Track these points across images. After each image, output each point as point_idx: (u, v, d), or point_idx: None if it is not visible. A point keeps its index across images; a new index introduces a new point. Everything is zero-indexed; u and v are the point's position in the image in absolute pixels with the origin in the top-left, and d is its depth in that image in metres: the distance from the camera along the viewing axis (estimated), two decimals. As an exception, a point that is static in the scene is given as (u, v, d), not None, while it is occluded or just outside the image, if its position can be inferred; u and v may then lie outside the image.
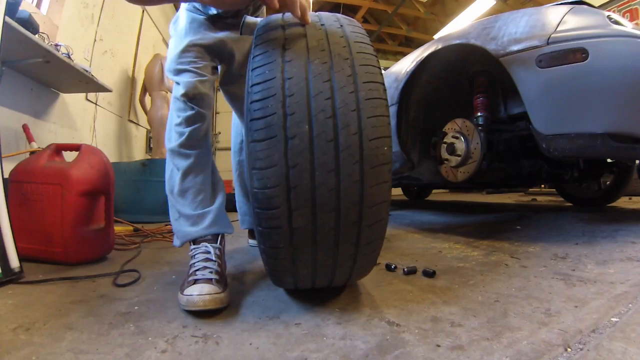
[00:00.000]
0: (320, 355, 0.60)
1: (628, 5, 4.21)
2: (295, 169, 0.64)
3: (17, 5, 1.68)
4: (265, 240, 0.69)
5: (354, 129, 0.65)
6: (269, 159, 0.64)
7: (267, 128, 0.64)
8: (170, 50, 1.07)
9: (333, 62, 0.69)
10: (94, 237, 1.32)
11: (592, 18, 1.37)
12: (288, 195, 0.64)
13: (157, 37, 4.62)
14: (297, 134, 0.64)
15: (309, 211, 0.65)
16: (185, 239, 0.99)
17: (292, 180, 0.64)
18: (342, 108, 0.66)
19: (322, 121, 0.65)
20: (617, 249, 1.25)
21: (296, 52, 0.70)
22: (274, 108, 0.64)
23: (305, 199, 0.65)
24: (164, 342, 0.66)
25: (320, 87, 0.66)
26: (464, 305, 0.81)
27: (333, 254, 0.72)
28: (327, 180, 0.64)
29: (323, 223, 0.67)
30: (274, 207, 0.65)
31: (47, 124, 2.40)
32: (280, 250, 0.70)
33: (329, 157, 0.64)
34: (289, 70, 0.67)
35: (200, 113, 1.02)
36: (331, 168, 0.64)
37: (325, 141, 0.64)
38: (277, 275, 0.78)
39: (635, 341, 0.60)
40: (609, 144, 1.31)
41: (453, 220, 2.39)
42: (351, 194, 0.66)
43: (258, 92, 0.66)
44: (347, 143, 0.65)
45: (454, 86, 2.04)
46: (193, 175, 1.02)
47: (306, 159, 0.64)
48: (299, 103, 0.65)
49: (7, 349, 0.63)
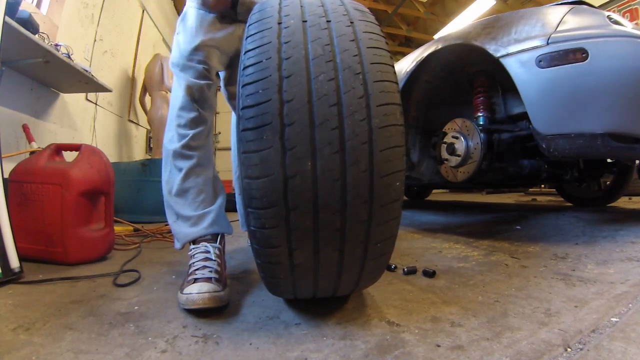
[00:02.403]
0: (320, 355, 0.60)
1: (628, 5, 4.21)
2: (292, 151, 0.55)
3: (17, 5, 1.68)
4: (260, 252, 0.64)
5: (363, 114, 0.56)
6: (259, 142, 0.55)
7: (259, 116, 0.55)
8: (179, 44, 1.05)
9: (342, 78, 0.57)
10: (94, 237, 1.32)
11: (592, 18, 1.37)
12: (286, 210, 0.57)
13: (157, 37, 4.62)
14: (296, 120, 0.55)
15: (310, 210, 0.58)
16: (186, 239, 0.99)
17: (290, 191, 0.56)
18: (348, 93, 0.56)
19: (327, 156, 0.55)
20: (617, 249, 1.25)
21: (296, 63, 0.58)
22: (270, 141, 0.55)
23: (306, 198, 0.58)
24: (164, 342, 0.66)
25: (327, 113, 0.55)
26: (464, 305, 0.81)
27: (335, 279, 0.68)
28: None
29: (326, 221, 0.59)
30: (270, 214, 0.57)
31: (47, 124, 2.40)
32: (281, 280, 0.67)
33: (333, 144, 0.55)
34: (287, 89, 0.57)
35: (203, 116, 1.02)
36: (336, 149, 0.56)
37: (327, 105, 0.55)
38: (277, 293, 0.75)
39: (635, 341, 0.60)
40: (609, 144, 1.31)
41: (453, 220, 2.39)
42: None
43: (250, 108, 0.57)
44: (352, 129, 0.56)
45: (454, 86, 2.04)
46: (194, 175, 1.02)
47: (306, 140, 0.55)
48: (299, 111, 0.56)
49: (7, 349, 0.63)
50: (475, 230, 1.88)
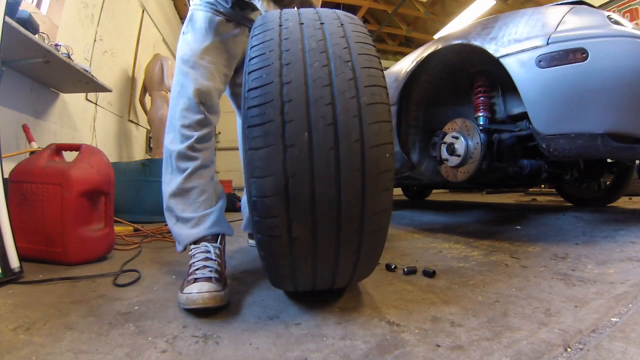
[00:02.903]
0: (320, 355, 0.60)
1: (628, 5, 4.21)
2: (290, 123, 0.60)
3: (17, 5, 1.68)
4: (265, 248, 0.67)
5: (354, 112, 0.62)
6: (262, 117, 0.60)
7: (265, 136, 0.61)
8: (189, 42, 1.05)
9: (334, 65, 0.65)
10: (94, 237, 1.32)
11: (592, 18, 1.37)
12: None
13: (157, 37, 4.62)
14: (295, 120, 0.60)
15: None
16: (187, 241, 0.98)
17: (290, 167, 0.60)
18: (341, 95, 0.62)
19: (322, 128, 0.61)
20: (617, 249, 1.25)
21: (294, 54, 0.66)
22: (271, 115, 0.61)
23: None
24: (164, 342, 0.66)
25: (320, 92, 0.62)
26: (464, 305, 0.81)
27: (334, 259, 0.70)
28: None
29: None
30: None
31: (47, 124, 2.40)
32: (280, 258, 0.68)
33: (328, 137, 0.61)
34: (287, 75, 0.63)
35: (208, 119, 1.03)
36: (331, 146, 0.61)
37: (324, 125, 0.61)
38: (277, 283, 0.77)
39: (635, 341, 0.60)
40: (609, 144, 1.31)
41: (453, 220, 2.39)
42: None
43: (255, 97, 0.63)
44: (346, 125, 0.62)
45: (454, 86, 2.04)
46: (197, 176, 1.01)
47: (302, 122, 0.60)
48: (297, 91, 0.62)
49: (7, 349, 0.63)
50: (475, 230, 1.88)
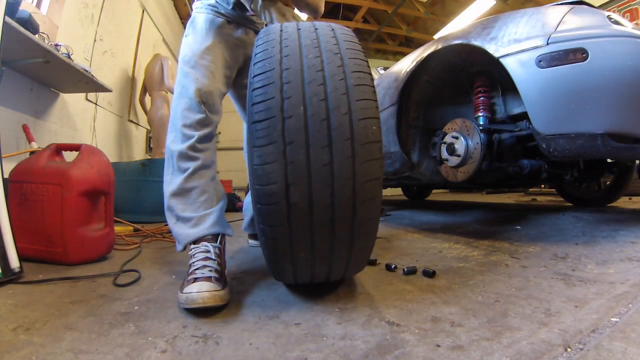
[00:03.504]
0: (320, 355, 0.60)
1: (628, 5, 4.21)
2: (289, 99, 0.71)
3: (17, 5, 1.68)
4: (264, 218, 0.72)
5: (345, 109, 0.72)
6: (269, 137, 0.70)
7: (266, 110, 0.70)
8: (189, 44, 1.07)
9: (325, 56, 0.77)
10: (94, 237, 1.32)
11: (592, 18, 1.37)
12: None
13: (157, 37, 4.62)
14: (294, 115, 0.70)
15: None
16: (187, 240, 0.98)
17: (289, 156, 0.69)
18: (334, 92, 0.73)
19: (315, 103, 0.71)
20: (617, 249, 1.25)
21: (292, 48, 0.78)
22: (273, 93, 0.71)
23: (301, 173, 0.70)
24: (164, 342, 0.66)
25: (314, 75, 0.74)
26: (464, 305, 0.81)
27: (329, 234, 0.73)
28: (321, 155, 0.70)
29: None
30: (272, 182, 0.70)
31: (47, 124, 2.40)
32: (278, 229, 0.72)
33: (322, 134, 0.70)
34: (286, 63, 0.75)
35: (210, 118, 1.03)
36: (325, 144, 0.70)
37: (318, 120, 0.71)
38: (276, 262, 0.79)
39: (635, 341, 0.60)
40: (609, 144, 1.31)
41: (453, 220, 2.39)
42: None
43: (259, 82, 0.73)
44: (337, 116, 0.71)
45: (454, 86, 2.04)
46: (198, 176, 1.02)
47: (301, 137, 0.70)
48: (295, 75, 0.73)
49: (7, 349, 0.63)
50: (475, 230, 1.88)
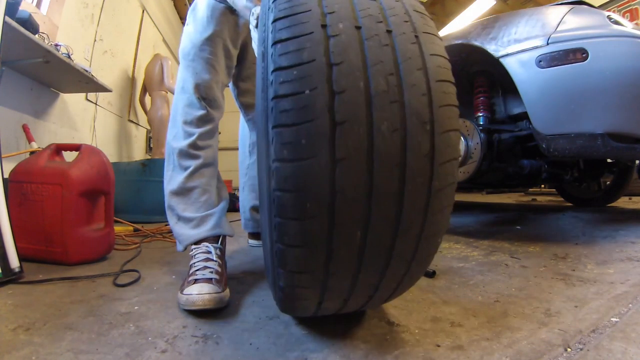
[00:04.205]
0: (320, 355, 0.60)
1: (628, 5, 4.21)
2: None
3: (17, 5, 1.68)
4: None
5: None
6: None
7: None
8: (189, 34, 1.03)
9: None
10: (94, 237, 1.32)
11: (592, 18, 1.37)
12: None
13: (157, 37, 4.62)
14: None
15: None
16: (188, 241, 0.98)
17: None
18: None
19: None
20: (617, 249, 1.25)
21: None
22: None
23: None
24: (164, 342, 0.66)
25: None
26: (464, 305, 0.81)
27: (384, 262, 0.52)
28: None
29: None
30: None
31: (47, 124, 2.40)
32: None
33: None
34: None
35: (211, 114, 1.01)
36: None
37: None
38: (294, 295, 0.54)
39: (635, 341, 0.60)
40: (609, 144, 1.31)
41: (453, 220, 2.39)
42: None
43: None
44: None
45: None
46: (199, 175, 1.00)
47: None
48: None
49: (7, 349, 0.63)
50: (475, 230, 1.88)
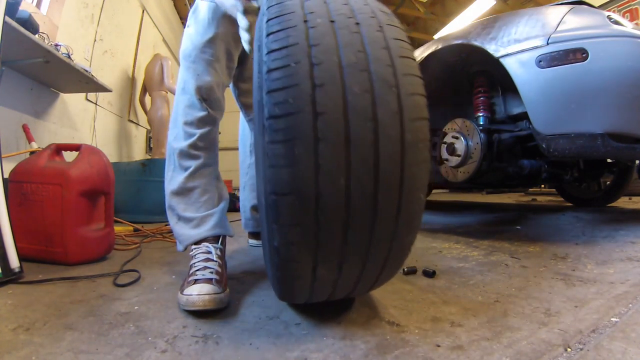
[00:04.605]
0: (320, 355, 0.60)
1: (628, 5, 4.21)
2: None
3: (17, 5, 1.68)
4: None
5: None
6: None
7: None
8: (190, 36, 1.03)
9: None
10: (94, 237, 1.32)
11: (592, 18, 1.37)
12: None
13: (157, 37, 4.62)
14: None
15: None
16: (188, 242, 0.98)
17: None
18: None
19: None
20: (617, 249, 1.25)
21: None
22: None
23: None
24: (164, 342, 0.66)
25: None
26: (464, 305, 0.81)
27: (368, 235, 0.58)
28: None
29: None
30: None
31: (47, 124, 2.40)
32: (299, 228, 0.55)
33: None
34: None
35: (212, 115, 1.01)
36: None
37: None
38: (290, 282, 0.63)
39: (635, 341, 0.60)
40: (609, 144, 1.31)
41: (453, 220, 2.39)
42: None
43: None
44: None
45: (454, 86, 2.04)
46: (200, 175, 1.00)
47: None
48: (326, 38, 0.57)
49: (7, 349, 0.63)
50: (475, 230, 1.88)
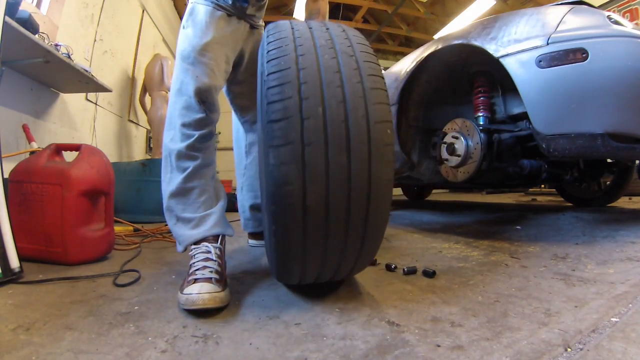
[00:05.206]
0: (320, 355, 0.60)
1: (628, 5, 4.21)
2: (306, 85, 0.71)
3: (17, 5, 1.68)
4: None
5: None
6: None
7: (284, 110, 0.69)
8: (189, 37, 1.03)
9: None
10: (94, 237, 1.32)
11: (592, 18, 1.37)
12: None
13: (157, 37, 4.62)
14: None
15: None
16: (188, 242, 0.98)
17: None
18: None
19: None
20: (617, 249, 1.25)
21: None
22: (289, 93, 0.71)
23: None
24: (164, 342, 0.66)
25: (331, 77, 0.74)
26: (464, 305, 0.81)
27: (343, 236, 0.73)
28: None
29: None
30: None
31: (47, 124, 2.40)
32: (292, 231, 0.70)
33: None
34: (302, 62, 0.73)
35: (209, 118, 1.01)
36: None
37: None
38: (285, 264, 0.78)
39: (635, 341, 0.60)
40: (609, 144, 1.31)
41: (453, 220, 2.39)
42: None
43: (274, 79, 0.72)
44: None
45: (454, 86, 2.04)
46: (198, 175, 1.01)
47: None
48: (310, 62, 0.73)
49: (7, 349, 0.63)
50: (475, 230, 1.88)
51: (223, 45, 1.05)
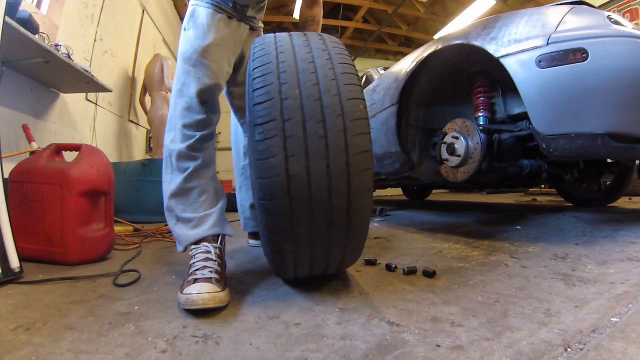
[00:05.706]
0: (320, 355, 0.60)
1: (628, 5, 4.21)
2: (286, 85, 0.80)
3: (17, 5, 1.68)
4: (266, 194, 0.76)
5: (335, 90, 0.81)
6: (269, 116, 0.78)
7: (266, 93, 0.79)
8: (190, 39, 1.04)
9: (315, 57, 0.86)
10: (94, 237, 1.32)
11: (592, 18, 1.37)
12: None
13: (157, 37, 4.62)
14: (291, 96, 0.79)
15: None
16: (188, 242, 0.98)
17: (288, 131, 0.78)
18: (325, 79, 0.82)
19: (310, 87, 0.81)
20: (617, 249, 1.25)
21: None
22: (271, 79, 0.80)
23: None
24: (164, 342, 0.66)
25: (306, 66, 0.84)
26: (464, 305, 0.81)
27: (327, 205, 0.78)
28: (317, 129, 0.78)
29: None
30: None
31: (47, 124, 2.40)
32: (279, 202, 0.76)
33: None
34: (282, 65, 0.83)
35: (210, 119, 1.02)
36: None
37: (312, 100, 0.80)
38: (277, 244, 0.81)
39: (635, 341, 0.60)
40: (609, 144, 1.30)
41: (453, 220, 2.39)
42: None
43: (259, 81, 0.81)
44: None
45: (454, 86, 2.04)
46: (198, 176, 1.01)
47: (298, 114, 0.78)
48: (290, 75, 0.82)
49: (7, 349, 0.63)
50: (475, 230, 1.88)
51: (224, 47, 1.07)
